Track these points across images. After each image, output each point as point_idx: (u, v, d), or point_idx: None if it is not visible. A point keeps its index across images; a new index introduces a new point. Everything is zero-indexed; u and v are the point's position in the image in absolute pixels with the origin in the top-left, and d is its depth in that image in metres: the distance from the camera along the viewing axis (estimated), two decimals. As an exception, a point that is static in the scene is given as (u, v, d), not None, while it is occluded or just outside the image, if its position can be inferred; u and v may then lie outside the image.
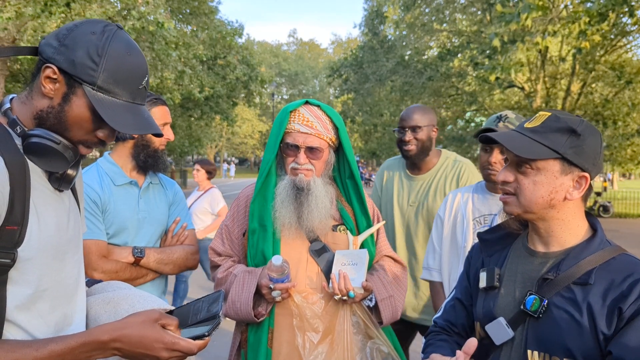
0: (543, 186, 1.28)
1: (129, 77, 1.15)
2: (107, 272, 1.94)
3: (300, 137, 1.92)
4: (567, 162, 1.26)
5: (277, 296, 1.86)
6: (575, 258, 1.29)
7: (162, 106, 2.13)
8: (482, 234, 1.53)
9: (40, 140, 1.12)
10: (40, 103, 1.15)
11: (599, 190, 22.79)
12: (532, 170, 1.28)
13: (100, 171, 2.11)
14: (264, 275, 1.87)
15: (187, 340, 1.17)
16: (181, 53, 15.47)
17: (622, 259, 1.28)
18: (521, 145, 1.26)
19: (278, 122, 1.96)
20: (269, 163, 1.96)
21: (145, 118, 1.18)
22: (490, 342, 1.35)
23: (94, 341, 1.11)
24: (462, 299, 1.55)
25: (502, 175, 1.34)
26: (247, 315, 1.89)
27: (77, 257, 1.28)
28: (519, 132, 1.31)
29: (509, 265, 1.40)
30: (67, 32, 1.14)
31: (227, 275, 1.98)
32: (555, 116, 1.28)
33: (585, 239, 1.33)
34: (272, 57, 62.37)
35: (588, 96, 18.20)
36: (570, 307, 1.24)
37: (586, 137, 1.26)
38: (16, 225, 1.08)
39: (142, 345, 1.13)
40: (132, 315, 1.17)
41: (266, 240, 1.94)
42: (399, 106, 23.63)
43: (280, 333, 1.90)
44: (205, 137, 28.28)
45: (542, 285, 1.29)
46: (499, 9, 9.20)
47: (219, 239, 2.10)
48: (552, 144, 1.25)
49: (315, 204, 1.92)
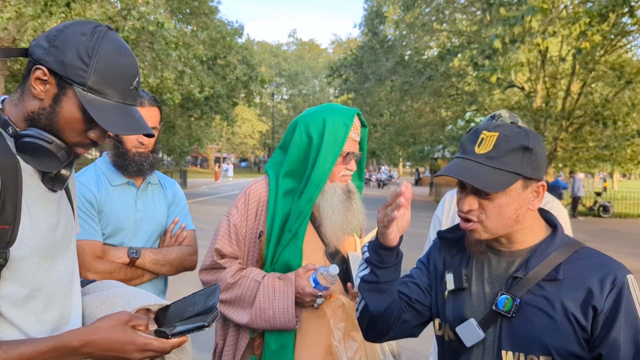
0: (509, 207, 1.28)
1: (120, 77, 1.15)
2: (100, 273, 1.93)
3: (354, 145, 1.97)
4: (527, 178, 1.28)
5: (320, 303, 1.84)
6: (541, 255, 1.30)
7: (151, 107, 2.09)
8: (443, 232, 1.51)
9: (33, 140, 1.12)
10: (31, 104, 1.15)
11: (599, 190, 22.81)
12: (497, 194, 1.27)
13: (98, 171, 2.11)
14: (306, 284, 1.83)
15: (160, 339, 1.17)
16: (181, 53, 15.48)
17: (584, 253, 1.30)
18: (485, 179, 1.25)
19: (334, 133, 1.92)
20: (326, 173, 1.93)
21: (136, 119, 1.17)
22: (460, 344, 1.35)
23: (64, 346, 1.11)
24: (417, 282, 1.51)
25: (467, 204, 1.30)
26: (287, 323, 1.82)
27: (68, 257, 1.28)
28: (475, 161, 1.28)
29: (475, 265, 1.40)
30: (57, 33, 1.13)
31: (240, 279, 1.89)
32: (504, 136, 1.27)
33: (547, 236, 1.35)
34: (272, 57, 62.45)
35: (588, 96, 18.21)
36: (543, 304, 1.25)
37: (537, 149, 1.28)
38: (8, 225, 1.09)
39: (114, 349, 1.13)
40: (101, 319, 1.17)
41: (296, 247, 1.90)
42: (398, 106, 23.66)
43: (305, 337, 1.87)
44: (205, 137, 28.31)
45: (512, 284, 1.30)
46: (503, 12, 9.21)
47: (226, 239, 1.94)
48: (511, 167, 1.25)
49: (356, 204, 1.97)
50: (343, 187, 1.96)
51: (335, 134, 1.92)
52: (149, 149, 2.12)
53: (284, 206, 1.93)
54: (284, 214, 1.92)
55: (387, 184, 40.88)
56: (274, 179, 1.98)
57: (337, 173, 1.95)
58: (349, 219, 1.94)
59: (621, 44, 17.31)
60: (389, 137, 25.59)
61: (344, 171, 1.96)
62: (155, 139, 2.13)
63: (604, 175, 34.08)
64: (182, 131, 24.64)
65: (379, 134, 26.62)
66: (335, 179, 1.95)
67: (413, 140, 24.06)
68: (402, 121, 24.54)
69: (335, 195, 1.93)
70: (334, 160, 1.92)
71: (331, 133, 1.92)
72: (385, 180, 41.07)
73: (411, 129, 23.80)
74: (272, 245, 1.91)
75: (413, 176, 51.19)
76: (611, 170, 26.43)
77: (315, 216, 1.95)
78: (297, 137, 1.96)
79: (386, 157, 32.26)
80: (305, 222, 1.91)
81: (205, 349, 4.70)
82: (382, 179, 41.04)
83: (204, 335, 1.52)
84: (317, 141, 1.93)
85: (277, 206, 1.93)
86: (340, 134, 1.92)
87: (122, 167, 2.07)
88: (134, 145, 2.07)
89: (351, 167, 1.97)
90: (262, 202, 1.96)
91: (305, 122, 1.97)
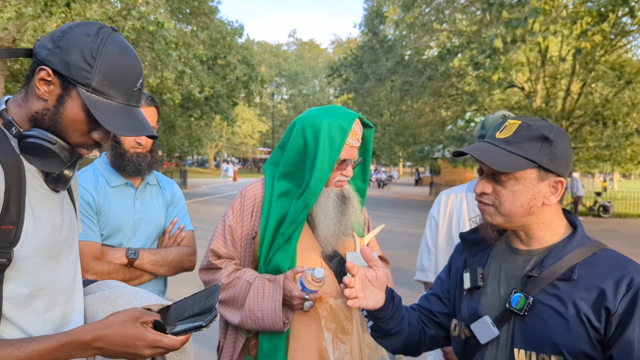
0: (522, 195, 1.28)
1: (124, 79, 1.15)
2: (99, 274, 1.93)
3: (352, 151, 1.92)
4: (543, 169, 1.28)
5: (309, 306, 1.84)
6: (557, 255, 1.30)
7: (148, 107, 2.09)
8: (464, 234, 1.54)
9: (36, 141, 1.12)
10: (35, 105, 1.15)
11: (599, 190, 22.80)
12: (510, 180, 1.28)
13: (96, 172, 2.11)
14: (294, 287, 1.82)
15: (169, 336, 1.18)
16: (181, 53, 15.47)
17: (603, 254, 1.29)
18: (498, 159, 1.27)
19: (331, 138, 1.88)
20: (323, 180, 1.88)
21: (139, 120, 1.18)
22: (475, 341, 1.36)
23: (76, 341, 1.12)
24: (437, 292, 1.58)
25: (480, 187, 1.33)
26: (275, 325, 1.83)
27: (71, 257, 1.29)
28: (493, 144, 1.31)
29: (492, 264, 1.41)
30: (61, 34, 1.14)
31: (235, 280, 1.90)
32: (526, 124, 1.29)
33: (566, 236, 1.34)
34: (272, 57, 62.45)
35: (588, 96, 18.21)
36: (556, 303, 1.25)
37: (558, 142, 1.28)
38: (12, 225, 1.09)
39: (124, 344, 1.14)
40: (113, 315, 1.18)
41: (288, 251, 1.90)
42: (398, 106, 23.66)
43: (297, 340, 1.88)
44: (205, 137, 28.30)
45: (526, 283, 1.30)
46: (505, 15, 9.21)
47: (221, 239, 1.98)
48: (527, 153, 1.26)
49: (354, 210, 1.95)
50: (337, 193, 1.93)
51: (332, 139, 1.88)
52: (147, 149, 2.11)
53: (279, 208, 1.93)
54: (278, 216, 1.92)
55: (387, 184, 40.89)
56: (269, 180, 1.98)
57: (333, 178, 1.93)
58: (344, 223, 1.92)
59: (621, 44, 17.31)
60: (389, 137, 25.57)
61: (340, 177, 1.93)
62: None
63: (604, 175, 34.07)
64: (182, 131, 24.64)
65: (379, 134, 26.58)
66: (330, 184, 1.93)
67: (413, 140, 24.05)
68: (402, 121, 24.54)
69: (328, 201, 1.91)
70: (330, 167, 1.88)
71: (327, 138, 1.87)
72: (385, 180, 41.09)
73: (411, 129, 23.80)
74: (265, 247, 1.91)
75: (413, 176, 51.21)
76: (611, 170, 26.44)
77: (310, 219, 1.94)
78: (294, 139, 1.94)
79: (386, 157, 32.27)
80: (299, 228, 1.90)
81: (208, 345, 4.71)
82: (382, 179, 41.04)
83: (208, 333, 1.52)
84: (312, 145, 1.90)
85: (272, 208, 1.93)
86: (337, 140, 1.88)
87: (120, 167, 2.07)
88: (132, 146, 2.07)
89: (347, 173, 1.93)
90: (257, 203, 1.97)
91: (303, 124, 1.94)
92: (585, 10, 8.83)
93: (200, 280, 2.04)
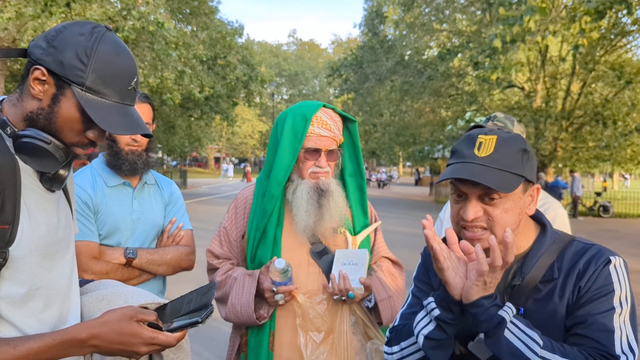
0: (513, 211, 1.26)
1: (118, 77, 1.15)
2: (97, 274, 1.93)
3: (321, 140, 1.91)
4: (527, 181, 1.27)
5: (280, 299, 1.86)
6: (533, 258, 1.29)
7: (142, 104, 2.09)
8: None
9: (31, 141, 1.12)
10: (29, 105, 1.15)
11: (599, 190, 22.80)
12: (502, 199, 1.24)
13: (94, 172, 2.11)
14: (266, 279, 1.86)
15: (165, 333, 1.18)
16: (181, 53, 15.47)
17: (575, 246, 1.30)
18: (497, 179, 1.21)
19: (294, 128, 1.91)
20: (289, 169, 1.92)
21: (134, 118, 1.18)
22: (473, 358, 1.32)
23: (72, 339, 1.12)
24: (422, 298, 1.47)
25: (472, 212, 1.24)
26: (249, 318, 1.88)
27: (67, 257, 1.28)
28: (479, 164, 1.23)
29: None
30: (55, 33, 1.14)
31: (227, 278, 1.96)
32: (502, 139, 1.25)
33: (537, 236, 1.34)
34: (272, 57, 62.46)
35: (588, 96, 18.22)
36: (546, 306, 1.25)
37: (530, 151, 1.28)
38: (7, 225, 1.09)
39: (120, 342, 1.14)
40: (108, 313, 1.18)
41: (266, 244, 1.94)
42: (398, 106, 23.67)
43: (282, 335, 1.90)
44: (205, 137, 28.28)
45: (512, 294, 1.29)
46: (502, 12, 9.21)
47: (217, 241, 2.07)
48: (514, 169, 1.23)
49: (335, 204, 1.93)
50: (312, 185, 1.93)
51: (295, 128, 1.91)
52: (143, 147, 2.11)
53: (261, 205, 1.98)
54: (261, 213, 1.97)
55: (387, 184, 40.90)
56: (258, 180, 2.05)
57: (305, 170, 1.93)
58: (320, 216, 1.91)
59: (621, 44, 17.32)
60: (389, 137, 25.58)
61: (313, 168, 1.93)
62: None
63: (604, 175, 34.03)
64: (182, 131, 24.61)
65: (379, 134, 26.63)
66: (304, 176, 1.94)
67: (413, 140, 24.07)
68: (402, 121, 24.56)
69: (302, 193, 1.92)
70: (294, 156, 1.90)
71: (291, 128, 1.91)
72: (385, 180, 41.11)
73: (411, 129, 23.81)
74: (250, 244, 1.97)
75: (413, 176, 51.22)
76: (611, 170, 26.43)
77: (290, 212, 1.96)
78: (270, 137, 2.01)
79: (386, 157, 32.26)
80: (272, 220, 1.93)
81: (208, 345, 4.71)
82: (382, 179, 41.06)
83: (208, 333, 1.52)
84: (279, 137, 1.94)
85: (257, 206, 1.98)
86: (299, 128, 1.90)
87: (115, 166, 2.07)
88: (127, 144, 2.07)
89: (319, 164, 1.92)
90: (248, 204, 2.05)
91: (277, 120, 2.01)
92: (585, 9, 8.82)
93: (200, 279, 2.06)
